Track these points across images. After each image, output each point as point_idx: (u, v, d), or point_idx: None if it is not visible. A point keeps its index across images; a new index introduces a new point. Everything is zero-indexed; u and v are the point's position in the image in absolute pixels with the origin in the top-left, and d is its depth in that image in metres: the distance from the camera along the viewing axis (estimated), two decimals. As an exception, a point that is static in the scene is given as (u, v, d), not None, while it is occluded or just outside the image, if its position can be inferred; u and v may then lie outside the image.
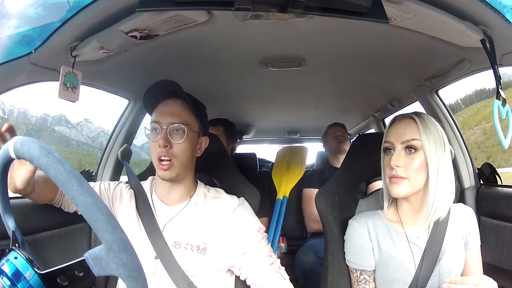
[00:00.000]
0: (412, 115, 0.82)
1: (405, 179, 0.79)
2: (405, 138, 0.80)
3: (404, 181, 0.79)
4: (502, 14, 0.67)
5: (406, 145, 0.80)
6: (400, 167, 0.79)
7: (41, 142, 0.41)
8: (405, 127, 0.81)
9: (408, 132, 0.80)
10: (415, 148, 0.79)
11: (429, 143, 0.78)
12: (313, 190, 1.76)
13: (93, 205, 0.39)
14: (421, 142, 0.79)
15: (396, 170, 0.79)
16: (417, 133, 0.79)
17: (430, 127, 0.80)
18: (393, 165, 0.79)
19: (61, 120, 16.53)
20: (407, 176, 0.78)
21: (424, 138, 0.78)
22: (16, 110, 15.64)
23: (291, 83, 1.51)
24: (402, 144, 0.80)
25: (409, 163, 0.79)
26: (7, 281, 0.45)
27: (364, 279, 0.86)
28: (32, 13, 0.68)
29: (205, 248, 0.84)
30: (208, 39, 0.99)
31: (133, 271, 0.39)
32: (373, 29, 0.90)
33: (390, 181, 0.81)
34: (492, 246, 1.08)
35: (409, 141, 0.79)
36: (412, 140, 0.79)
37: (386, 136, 0.84)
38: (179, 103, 0.85)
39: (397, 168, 0.79)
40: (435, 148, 0.78)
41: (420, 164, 0.78)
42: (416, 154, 0.79)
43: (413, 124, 0.81)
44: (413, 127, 0.80)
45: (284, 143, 3.03)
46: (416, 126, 0.80)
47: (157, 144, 0.81)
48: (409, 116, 0.83)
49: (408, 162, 0.79)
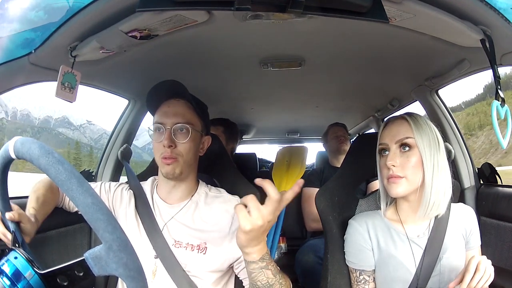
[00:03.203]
0: (404, 116, 0.84)
1: (402, 178, 0.79)
2: (399, 137, 0.81)
3: (402, 180, 0.79)
4: (502, 14, 0.67)
5: (400, 143, 0.81)
6: (397, 167, 0.79)
7: (41, 142, 0.41)
8: (398, 127, 0.82)
9: (401, 131, 0.81)
10: (409, 146, 0.80)
11: (423, 141, 0.79)
12: (313, 189, 1.76)
13: (93, 205, 0.39)
14: (414, 140, 0.80)
15: (392, 170, 0.80)
16: (410, 131, 0.80)
17: (423, 126, 0.81)
18: (389, 165, 0.80)
19: (64, 122, 16.38)
20: (404, 175, 0.79)
21: (417, 136, 0.80)
22: (19, 113, 15.51)
23: (291, 83, 1.51)
24: (396, 143, 0.81)
25: (405, 162, 0.79)
26: (7, 281, 0.45)
27: (364, 279, 0.86)
28: (33, 16, 0.68)
29: (206, 247, 0.84)
30: (208, 39, 0.99)
31: (133, 271, 0.39)
32: (373, 29, 0.90)
33: (388, 181, 0.81)
34: (492, 246, 1.08)
35: (403, 140, 0.80)
36: (406, 138, 0.80)
37: (380, 138, 0.85)
38: (182, 103, 0.85)
39: (393, 167, 0.80)
40: (429, 145, 0.79)
41: (415, 162, 0.79)
42: (411, 153, 0.80)
43: (405, 123, 0.82)
44: (405, 127, 0.82)
45: (284, 143, 3.03)
46: (409, 125, 0.81)
47: (161, 144, 0.82)
48: (401, 117, 0.84)
49: (403, 161, 0.80)
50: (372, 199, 0.98)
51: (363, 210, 0.98)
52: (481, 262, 0.69)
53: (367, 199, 1.00)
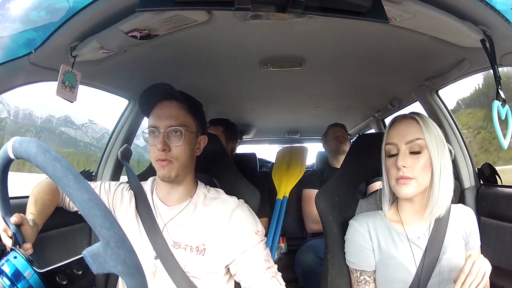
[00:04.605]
0: (413, 115, 0.83)
1: (412, 179, 0.79)
2: (409, 138, 0.80)
3: (412, 181, 0.79)
4: (502, 14, 0.67)
5: (411, 145, 0.80)
6: (407, 168, 0.79)
7: (39, 141, 0.41)
8: (407, 127, 0.81)
9: (411, 132, 0.80)
10: (420, 147, 0.79)
11: (432, 142, 0.79)
12: (313, 190, 1.76)
13: (89, 201, 0.38)
14: (424, 141, 0.79)
15: (403, 170, 0.79)
16: (420, 132, 0.80)
17: (431, 127, 0.81)
18: (400, 166, 0.79)
19: (66, 121, 16.25)
20: (414, 176, 0.78)
21: (427, 137, 0.79)
22: (21, 112, 15.29)
23: (291, 83, 1.51)
24: (406, 144, 0.80)
25: (415, 163, 0.79)
26: (7, 281, 0.45)
27: (364, 280, 0.86)
28: (35, 16, 0.68)
29: (204, 249, 0.83)
30: (208, 39, 0.99)
31: (131, 268, 0.39)
32: (373, 29, 0.90)
33: (397, 182, 0.80)
34: (492, 246, 1.07)
35: (414, 141, 0.79)
36: (416, 139, 0.79)
37: (388, 137, 0.84)
38: (174, 105, 0.84)
39: (404, 168, 0.79)
40: (437, 146, 0.79)
41: (424, 163, 0.79)
42: (421, 154, 0.79)
43: (415, 123, 0.81)
44: (415, 127, 0.81)
45: (284, 143, 3.03)
46: (419, 126, 0.80)
47: (156, 147, 0.81)
48: (409, 117, 0.83)
49: (413, 162, 0.79)
50: (372, 200, 0.98)
51: (363, 210, 0.98)
52: (475, 264, 0.69)
53: (367, 199, 1.00)
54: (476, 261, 0.70)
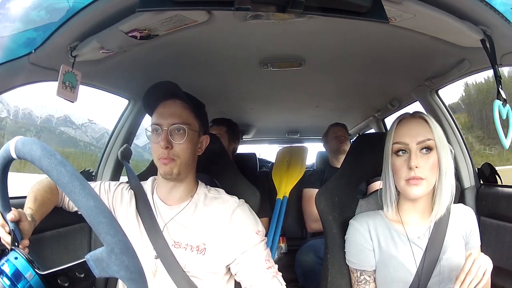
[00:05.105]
0: (422, 115, 0.83)
1: (423, 179, 0.78)
2: (421, 138, 0.80)
3: (423, 182, 0.78)
4: (502, 14, 0.67)
5: (422, 145, 0.79)
6: (419, 168, 0.78)
7: (43, 143, 0.41)
8: (417, 127, 0.81)
9: (421, 132, 0.80)
10: (430, 148, 0.79)
11: (440, 142, 0.79)
12: (313, 190, 1.76)
13: (95, 208, 0.39)
14: (434, 142, 0.79)
15: (415, 171, 0.78)
16: (430, 132, 0.80)
17: (438, 127, 0.81)
18: (413, 166, 0.78)
19: (65, 121, 16.19)
20: (425, 176, 0.78)
21: (436, 138, 0.80)
22: (21, 111, 15.24)
23: (291, 83, 1.51)
24: (418, 144, 0.80)
25: (425, 163, 0.79)
26: (7, 281, 0.45)
27: (364, 280, 0.86)
28: (35, 16, 0.68)
29: (205, 249, 0.83)
30: (208, 39, 0.99)
31: (134, 273, 0.40)
32: (373, 29, 0.90)
33: (408, 182, 0.79)
34: (492, 246, 1.07)
35: (425, 141, 0.79)
36: (427, 140, 0.79)
37: (397, 136, 0.82)
38: (178, 103, 0.85)
39: (416, 169, 0.78)
40: (444, 146, 0.80)
41: (433, 164, 0.79)
42: (430, 154, 0.79)
43: (424, 123, 0.81)
44: (425, 127, 0.81)
45: (284, 143, 3.02)
46: (428, 126, 0.81)
47: (158, 145, 0.82)
48: (418, 116, 0.83)
49: (424, 162, 0.79)
50: (372, 199, 0.98)
51: (363, 210, 0.98)
52: (475, 262, 0.69)
53: (367, 199, 1.00)
54: (476, 260, 0.70)
